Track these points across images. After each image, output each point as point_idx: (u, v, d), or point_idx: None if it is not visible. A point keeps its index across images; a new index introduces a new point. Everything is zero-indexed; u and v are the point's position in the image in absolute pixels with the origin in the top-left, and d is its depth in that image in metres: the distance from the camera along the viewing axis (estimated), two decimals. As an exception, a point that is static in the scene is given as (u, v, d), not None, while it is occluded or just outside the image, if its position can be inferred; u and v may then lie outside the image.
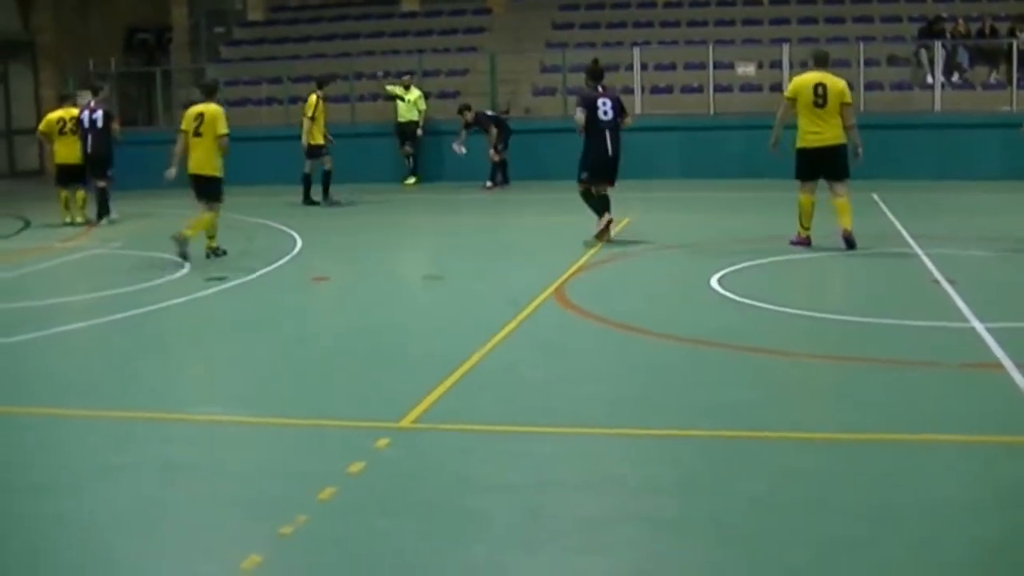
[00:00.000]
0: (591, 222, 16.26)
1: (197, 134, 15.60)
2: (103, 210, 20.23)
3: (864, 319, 11.07)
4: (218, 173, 15.79)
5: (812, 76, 14.99)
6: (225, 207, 16.33)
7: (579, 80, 27.01)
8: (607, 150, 16.06)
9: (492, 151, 24.08)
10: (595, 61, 16.61)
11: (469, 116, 24.32)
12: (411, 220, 18.88)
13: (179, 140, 15.84)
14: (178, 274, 14.41)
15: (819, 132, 14.85)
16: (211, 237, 15.71)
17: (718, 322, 11.03)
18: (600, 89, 16.19)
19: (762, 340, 10.20)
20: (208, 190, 15.75)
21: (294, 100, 25.85)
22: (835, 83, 14.88)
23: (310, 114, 22.00)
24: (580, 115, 15.98)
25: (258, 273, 14.45)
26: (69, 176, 20.55)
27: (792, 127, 15.19)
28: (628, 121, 16.45)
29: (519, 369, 9.50)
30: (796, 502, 6.48)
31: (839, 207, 14.95)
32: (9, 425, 8.48)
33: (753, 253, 14.78)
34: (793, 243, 15.29)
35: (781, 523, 6.19)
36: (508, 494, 6.67)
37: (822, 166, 15.01)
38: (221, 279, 13.83)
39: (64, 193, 20.71)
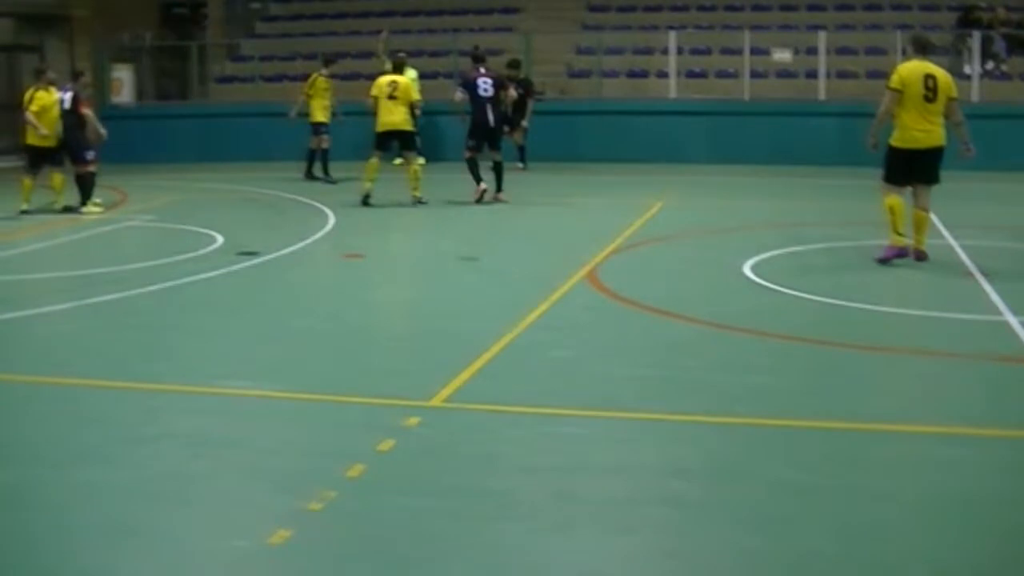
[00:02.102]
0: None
1: (392, 98, 18.49)
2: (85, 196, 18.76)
3: (897, 310, 11.05)
4: (413, 128, 18.94)
5: (920, 66, 13.03)
6: (258, 182, 16.40)
7: (614, 63, 27.13)
8: (488, 121, 19.05)
9: (516, 132, 23.75)
10: (476, 47, 20.18)
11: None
12: (442, 200, 18.84)
13: (374, 104, 18.63)
14: (210, 248, 14.47)
15: (927, 131, 12.94)
16: (415, 189, 18.68)
17: (749, 308, 11.01)
18: (481, 71, 19.22)
19: (793, 327, 10.17)
20: (408, 142, 18.90)
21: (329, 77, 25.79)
22: (943, 75, 13.08)
23: (307, 91, 22.22)
24: (460, 94, 19.45)
25: (290, 249, 14.49)
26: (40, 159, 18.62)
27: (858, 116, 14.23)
28: (511, 95, 19.88)
29: (549, 350, 9.50)
30: (821, 487, 6.49)
31: (920, 221, 13.25)
32: (42, 395, 8.54)
33: (788, 239, 14.72)
34: (886, 257, 13.15)
35: (805, 508, 6.21)
36: (535, 475, 6.69)
37: (919, 169, 13.13)
38: (253, 254, 13.86)
39: (28, 179, 18.47)
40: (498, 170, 19.25)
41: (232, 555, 5.68)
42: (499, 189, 19.16)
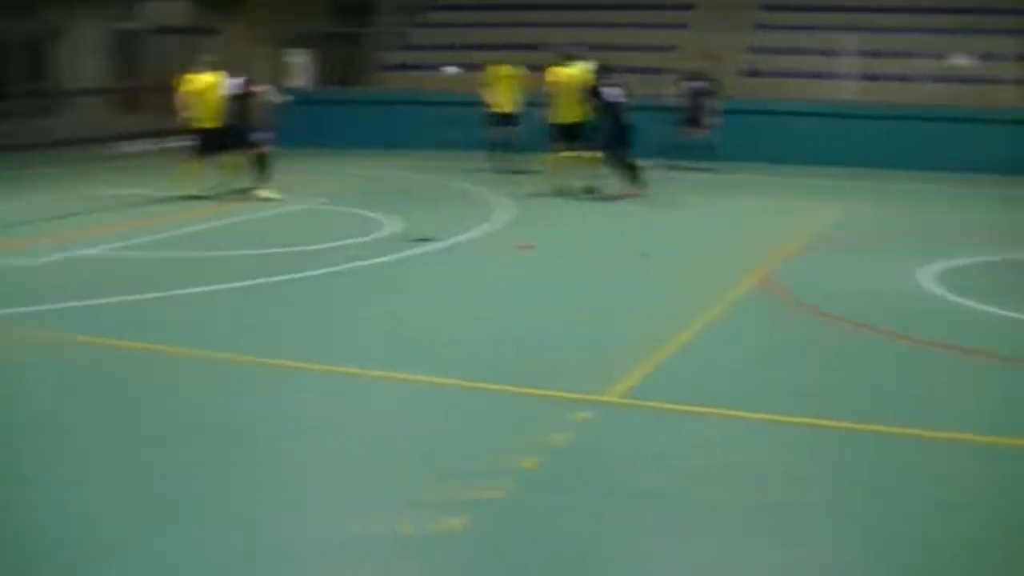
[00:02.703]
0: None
1: (567, 91, 18.74)
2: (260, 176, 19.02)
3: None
4: (586, 121, 18.86)
5: None
6: (431, 170, 16.53)
7: (789, 62, 26.68)
8: (617, 127, 18.53)
9: (697, 131, 23.50)
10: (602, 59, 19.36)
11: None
12: (612, 195, 18.74)
13: (551, 96, 19.06)
14: (384, 233, 14.62)
15: None
16: (587, 180, 18.66)
17: (929, 318, 10.74)
18: (609, 80, 18.71)
19: (966, 339, 9.89)
20: (579, 134, 18.92)
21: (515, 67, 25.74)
22: None
23: (486, 81, 22.23)
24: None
25: (464, 237, 14.60)
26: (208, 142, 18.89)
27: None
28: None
29: (723, 352, 9.42)
30: (976, 505, 6.35)
31: None
32: (217, 372, 8.75)
33: (975, 250, 14.30)
34: None
35: (958, 526, 6.08)
36: (705, 479, 6.65)
37: None
38: (427, 240, 13.95)
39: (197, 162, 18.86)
40: (632, 168, 18.82)
41: (407, 541, 5.74)
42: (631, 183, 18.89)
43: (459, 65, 27.49)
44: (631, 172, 18.72)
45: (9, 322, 10.14)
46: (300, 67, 30.10)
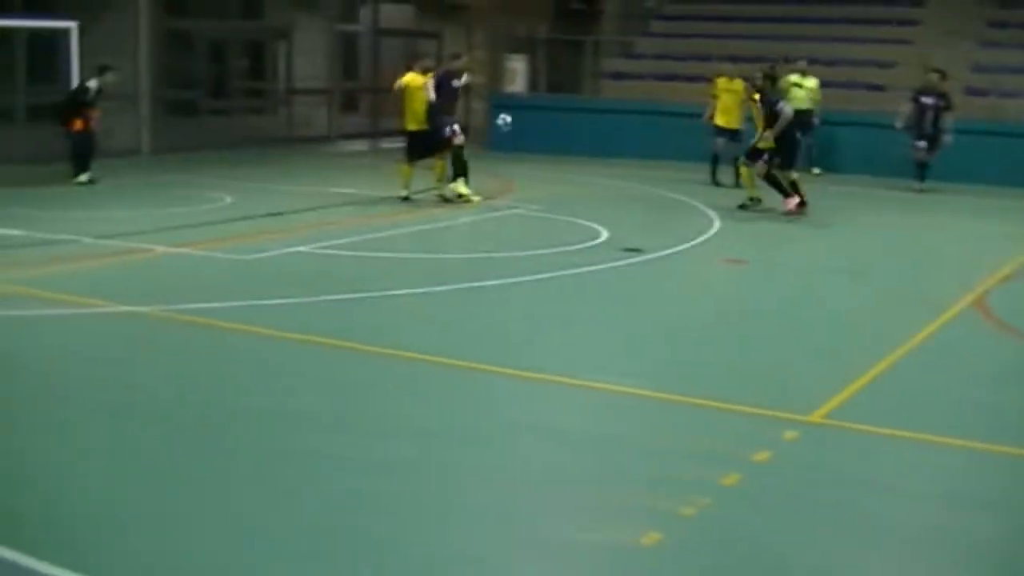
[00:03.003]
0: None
1: None
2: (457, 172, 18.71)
3: None
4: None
5: None
6: (646, 180, 16.56)
7: (1013, 81, 25.85)
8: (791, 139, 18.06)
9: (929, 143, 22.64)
10: (771, 66, 18.93)
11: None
12: (825, 212, 18.44)
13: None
14: (595, 241, 14.68)
15: None
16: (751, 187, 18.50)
17: None
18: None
19: None
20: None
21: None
22: None
23: (712, 93, 22.01)
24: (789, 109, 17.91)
25: (674, 249, 14.53)
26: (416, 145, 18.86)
27: None
28: None
29: (933, 376, 9.23)
30: None
31: None
32: (425, 373, 8.91)
33: None
34: None
35: None
36: (912, 504, 6.53)
37: None
38: (636, 251, 13.97)
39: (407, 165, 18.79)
40: (795, 184, 18.06)
41: (602, 551, 5.77)
42: (786, 196, 18.08)
43: (680, 77, 27.38)
44: (790, 187, 18.09)
45: (218, 315, 10.50)
46: (517, 73, 30.40)
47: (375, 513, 6.18)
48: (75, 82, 20.40)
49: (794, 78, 23.47)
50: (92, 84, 19.47)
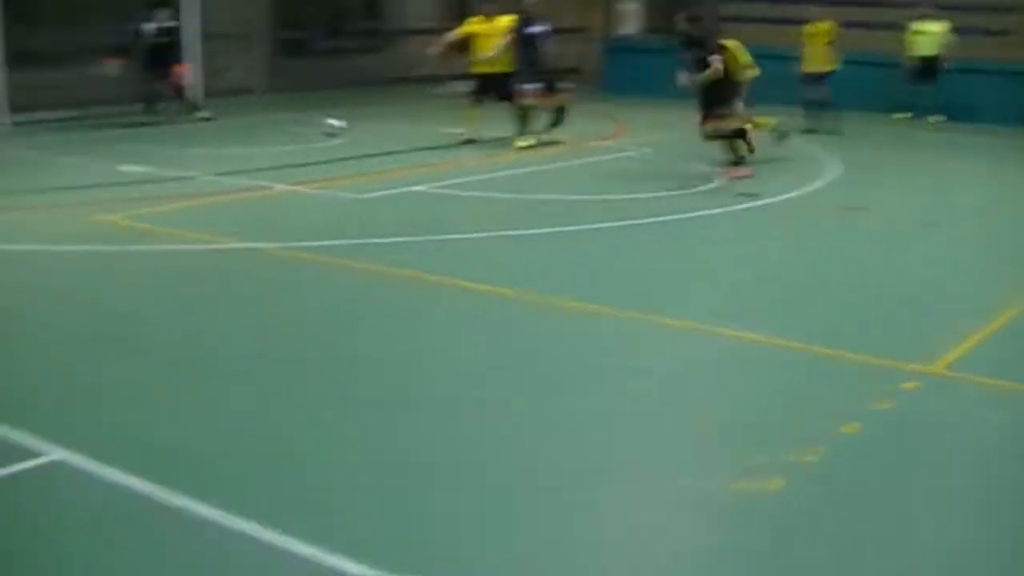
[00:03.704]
0: None
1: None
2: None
3: None
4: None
5: None
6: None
7: None
8: None
9: None
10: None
11: None
12: (948, 161, 18.11)
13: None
14: (707, 186, 14.57)
15: None
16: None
17: None
18: None
19: None
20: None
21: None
22: None
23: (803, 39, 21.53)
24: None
25: (791, 194, 14.35)
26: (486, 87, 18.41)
27: None
28: None
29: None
30: None
31: None
32: (540, 316, 8.93)
33: None
34: None
35: None
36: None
37: None
38: (753, 195, 13.83)
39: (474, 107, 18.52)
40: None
41: (724, 497, 5.76)
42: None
43: (793, 21, 26.96)
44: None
45: (335, 253, 10.62)
46: (630, 15, 30.12)
47: (491, 456, 6.23)
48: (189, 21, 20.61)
49: (914, 25, 23.00)
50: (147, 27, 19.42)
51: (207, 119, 19.66)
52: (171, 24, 19.23)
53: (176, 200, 13.15)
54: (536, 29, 17.83)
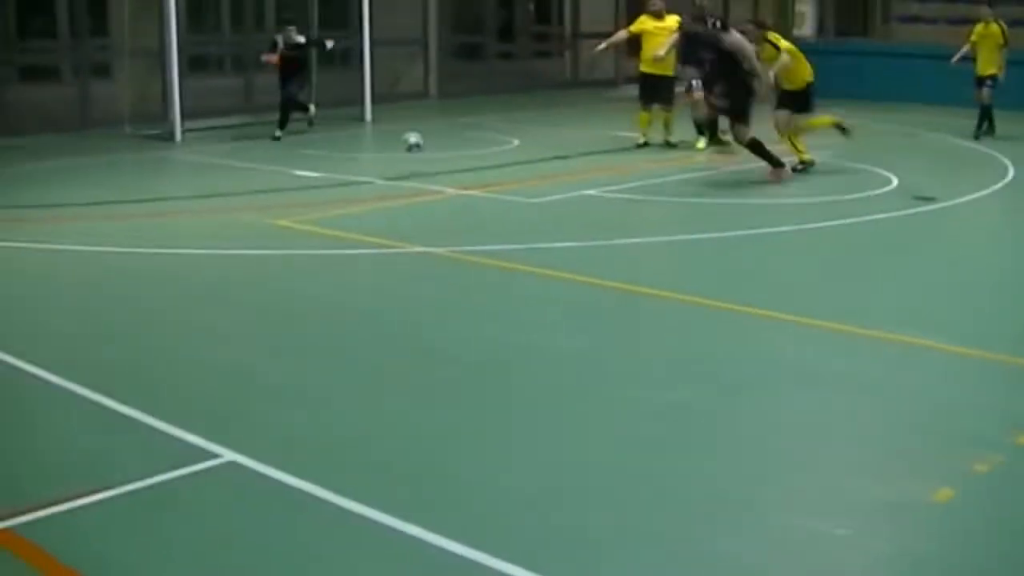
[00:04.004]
0: None
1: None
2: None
3: None
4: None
5: None
6: (936, 127, 16.07)
7: None
8: None
9: None
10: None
11: None
12: None
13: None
14: (885, 189, 14.31)
15: None
16: None
17: None
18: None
19: None
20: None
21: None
22: None
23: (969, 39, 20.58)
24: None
25: (967, 198, 14.01)
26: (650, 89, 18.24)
27: None
28: None
29: None
30: None
31: None
32: (711, 320, 8.90)
33: None
34: None
35: None
36: None
37: None
38: (929, 199, 13.56)
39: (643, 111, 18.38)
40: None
41: (891, 504, 5.67)
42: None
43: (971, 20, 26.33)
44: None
45: (507, 257, 10.70)
46: (805, 17, 29.79)
47: (653, 456, 6.22)
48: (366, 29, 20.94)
49: None
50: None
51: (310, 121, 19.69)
52: (299, 40, 19.29)
53: (351, 204, 13.41)
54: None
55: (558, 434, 6.56)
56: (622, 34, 18.84)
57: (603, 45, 19.16)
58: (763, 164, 15.10)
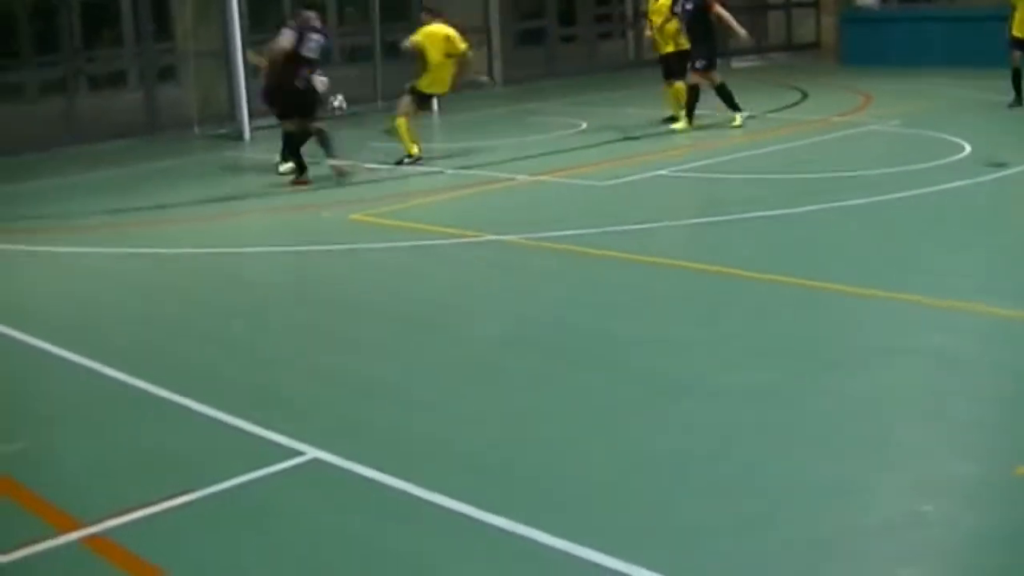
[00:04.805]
0: None
1: None
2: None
3: None
4: None
5: None
6: (1003, 92, 15.86)
7: None
8: None
9: None
10: None
11: None
12: None
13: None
14: (958, 156, 14.12)
15: None
16: None
17: None
18: None
19: None
20: None
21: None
22: None
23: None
24: None
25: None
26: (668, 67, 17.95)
27: None
28: None
29: None
30: None
31: None
32: (790, 296, 8.83)
33: None
34: None
35: None
36: None
37: None
38: (1003, 165, 13.35)
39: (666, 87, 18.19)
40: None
41: (977, 479, 5.61)
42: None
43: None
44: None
45: (583, 242, 10.69)
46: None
47: (739, 439, 6.20)
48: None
49: None
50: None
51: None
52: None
53: (424, 195, 13.48)
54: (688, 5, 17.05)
55: (650, 422, 6.54)
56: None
57: (647, 31, 18.79)
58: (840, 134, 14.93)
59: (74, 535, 5.37)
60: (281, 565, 5.11)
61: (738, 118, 17.41)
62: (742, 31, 17.38)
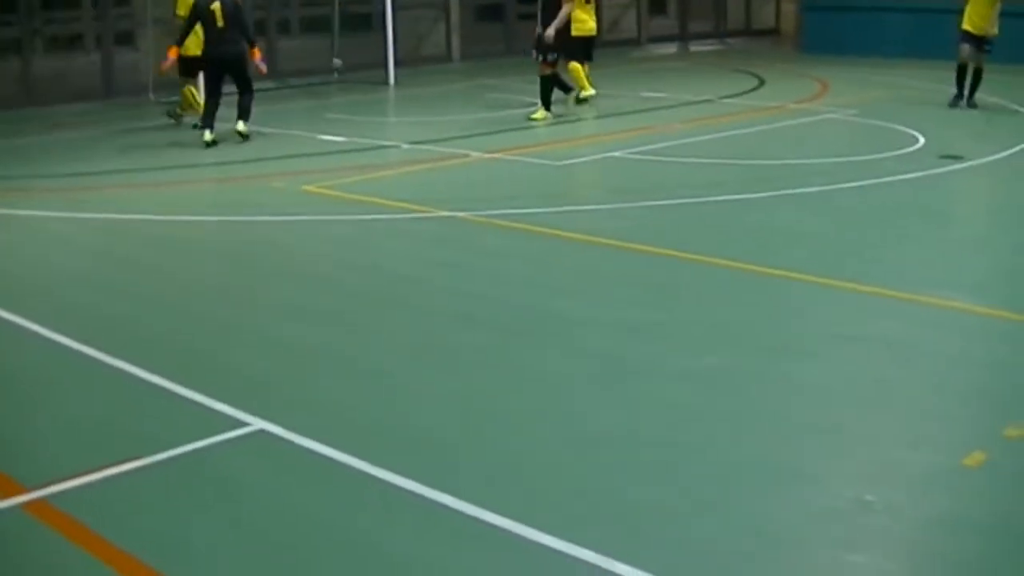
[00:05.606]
0: None
1: None
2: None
3: None
4: None
5: None
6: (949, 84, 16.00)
7: None
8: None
9: None
10: None
11: None
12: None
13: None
14: (912, 148, 14.20)
15: None
16: None
17: None
18: None
19: None
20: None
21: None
22: None
23: None
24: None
25: (997, 156, 13.84)
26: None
27: None
28: None
29: None
30: None
31: None
32: (745, 282, 8.85)
33: None
34: None
35: None
36: None
37: None
38: (956, 158, 13.44)
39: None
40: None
41: (923, 468, 5.65)
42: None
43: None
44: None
45: (533, 220, 10.68)
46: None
47: (688, 422, 6.21)
48: None
49: None
50: None
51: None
52: None
53: (378, 169, 13.41)
54: None
55: (601, 404, 6.53)
56: None
57: None
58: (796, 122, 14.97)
59: (15, 500, 5.33)
60: (223, 534, 5.08)
61: (540, 113, 16.90)
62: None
